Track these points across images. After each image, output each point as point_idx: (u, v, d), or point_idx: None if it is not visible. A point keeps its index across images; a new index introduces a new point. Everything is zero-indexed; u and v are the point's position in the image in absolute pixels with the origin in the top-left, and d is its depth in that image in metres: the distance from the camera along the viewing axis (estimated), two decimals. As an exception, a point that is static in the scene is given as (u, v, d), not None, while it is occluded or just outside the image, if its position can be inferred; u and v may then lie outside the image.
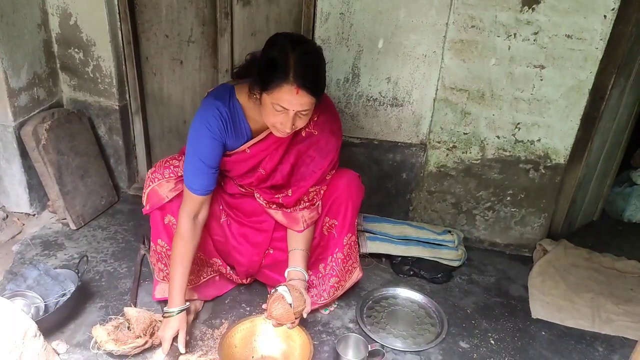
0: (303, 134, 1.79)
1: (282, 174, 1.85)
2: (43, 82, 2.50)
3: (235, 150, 1.79)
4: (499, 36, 2.16)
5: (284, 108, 1.55)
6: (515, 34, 2.14)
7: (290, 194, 1.87)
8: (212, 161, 1.74)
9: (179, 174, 1.87)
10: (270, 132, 1.74)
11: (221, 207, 1.98)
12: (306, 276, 1.85)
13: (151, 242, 1.96)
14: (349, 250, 2.00)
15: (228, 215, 1.99)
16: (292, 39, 1.56)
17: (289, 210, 1.89)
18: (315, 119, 1.78)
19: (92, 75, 2.58)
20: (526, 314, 2.18)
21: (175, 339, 1.78)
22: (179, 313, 1.78)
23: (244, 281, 2.15)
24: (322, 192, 1.91)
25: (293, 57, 1.51)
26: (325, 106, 1.80)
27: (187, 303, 1.84)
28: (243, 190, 1.95)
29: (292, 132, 1.65)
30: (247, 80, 1.66)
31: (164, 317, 1.80)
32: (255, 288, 2.20)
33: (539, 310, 2.19)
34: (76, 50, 2.53)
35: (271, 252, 2.04)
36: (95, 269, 2.25)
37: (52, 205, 2.54)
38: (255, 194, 1.94)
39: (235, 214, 1.99)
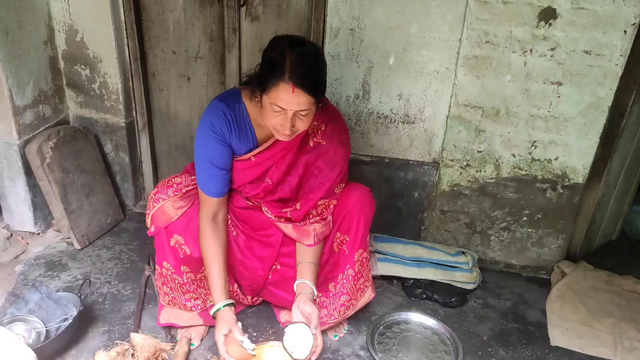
0: (311, 143, 1.75)
1: (290, 187, 1.81)
2: (49, 99, 2.47)
3: (241, 157, 1.76)
4: (514, 52, 2.10)
5: (281, 108, 1.53)
6: (531, 50, 2.08)
7: (298, 207, 1.82)
8: (220, 163, 1.72)
9: (183, 190, 1.84)
10: (276, 140, 1.72)
11: (230, 220, 1.92)
12: (314, 290, 1.79)
13: (156, 265, 1.90)
14: (360, 267, 1.93)
15: (236, 227, 1.94)
16: (291, 40, 1.55)
17: (300, 224, 1.84)
18: (323, 128, 1.76)
19: (98, 92, 2.55)
20: (545, 341, 2.09)
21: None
22: (224, 307, 1.72)
23: (250, 300, 2.08)
24: (331, 206, 1.85)
25: (290, 56, 1.50)
26: (332, 116, 1.79)
27: (231, 301, 1.77)
28: (250, 203, 1.90)
29: (293, 135, 1.61)
30: (253, 86, 1.66)
31: (213, 317, 1.75)
32: (262, 312, 2.13)
33: (558, 337, 2.10)
34: (82, 66, 2.50)
35: (278, 267, 1.98)
36: (99, 291, 2.19)
37: (56, 224, 2.50)
38: (263, 208, 1.89)
39: (243, 227, 1.94)
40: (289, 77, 1.49)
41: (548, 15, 2.01)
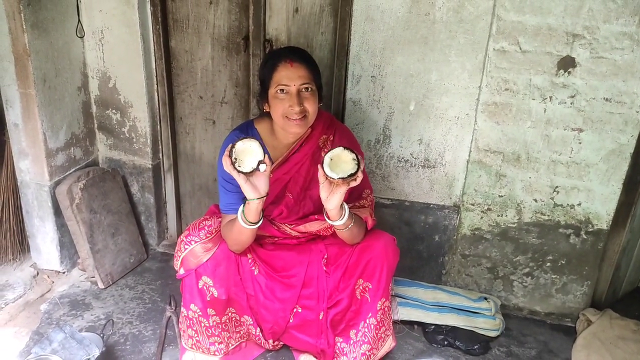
0: (323, 155, 1.80)
1: (313, 200, 1.87)
2: (80, 142, 2.57)
3: None
4: (534, 99, 2.12)
5: (285, 87, 1.70)
6: (551, 97, 2.10)
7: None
8: None
9: (214, 231, 1.88)
10: (289, 154, 1.83)
11: (251, 260, 1.94)
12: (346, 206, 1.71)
13: (182, 308, 1.91)
14: (382, 316, 1.92)
15: (258, 267, 1.95)
16: None
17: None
18: (332, 138, 1.90)
19: (127, 135, 2.64)
20: (572, 393, 2.03)
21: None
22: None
23: (271, 345, 2.07)
24: (369, 197, 1.94)
25: (280, 49, 1.86)
26: (339, 127, 1.95)
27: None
28: (275, 227, 1.93)
29: (304, 120, 1.72)
30: (264, 115, 1.84)
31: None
32: (282, 356, 2.12)
33: (585, 388, 2.04)
34: (114, 111, 2.60)
35: (299, 310, 1.97)
36: (121, 332, 2.21)
37: (82, 264, 2.55)
38: (292, 232, 1.92)
39: (265, 268, 1.96)
40: (285, 56, 1.72)
41: (567, 64, 2.04)
